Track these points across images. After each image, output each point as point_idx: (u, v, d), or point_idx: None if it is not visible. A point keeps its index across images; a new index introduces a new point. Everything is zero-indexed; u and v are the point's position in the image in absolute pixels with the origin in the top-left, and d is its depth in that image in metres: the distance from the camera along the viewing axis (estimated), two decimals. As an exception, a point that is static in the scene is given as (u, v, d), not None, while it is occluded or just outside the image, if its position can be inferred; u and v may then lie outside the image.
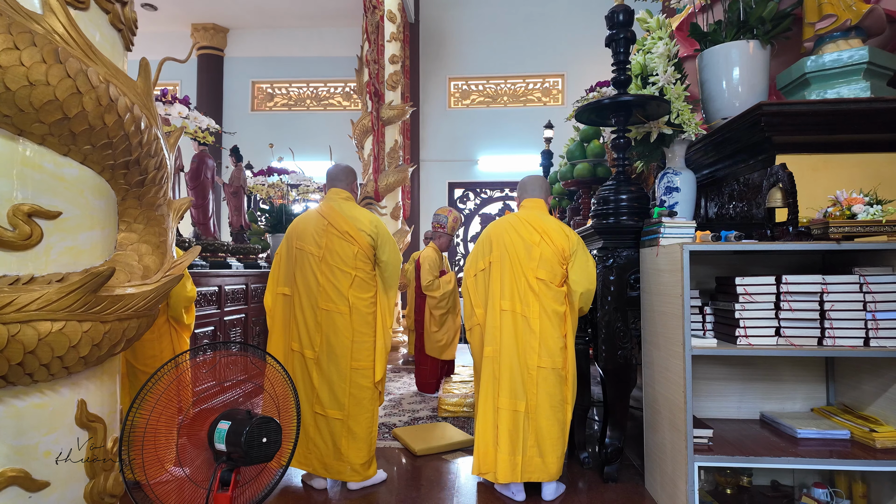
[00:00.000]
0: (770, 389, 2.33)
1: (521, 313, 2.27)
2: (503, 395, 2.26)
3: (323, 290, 2.38)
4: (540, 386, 2.23)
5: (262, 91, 9.05)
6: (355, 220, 2.43)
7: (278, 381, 1.92)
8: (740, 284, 1.97)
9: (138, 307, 1.45)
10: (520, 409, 2.23)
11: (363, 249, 2.41)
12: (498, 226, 2.45)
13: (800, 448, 1.94)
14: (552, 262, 2.29)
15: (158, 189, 1.61)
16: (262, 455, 1.70)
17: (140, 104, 1.50)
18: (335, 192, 2.54)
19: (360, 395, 2.38)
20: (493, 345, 2.32)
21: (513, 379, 2.25)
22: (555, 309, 2.27)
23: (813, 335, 1.92)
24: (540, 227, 2.35)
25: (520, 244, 2.34)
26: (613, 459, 2.43)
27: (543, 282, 2.27)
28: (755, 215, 2.71)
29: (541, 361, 2.23)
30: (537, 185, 2.54)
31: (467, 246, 8.47)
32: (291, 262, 2.47)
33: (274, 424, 1.73)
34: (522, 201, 2.54)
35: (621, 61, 2.53)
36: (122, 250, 1.53)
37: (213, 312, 3.69)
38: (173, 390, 1.79)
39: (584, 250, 2.35)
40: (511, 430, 2.23)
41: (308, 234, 2.44)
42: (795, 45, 2.90)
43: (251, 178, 5.36)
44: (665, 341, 2.11)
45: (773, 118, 2.35)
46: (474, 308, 2.44)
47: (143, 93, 1.53)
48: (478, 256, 2.48)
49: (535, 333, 2.25)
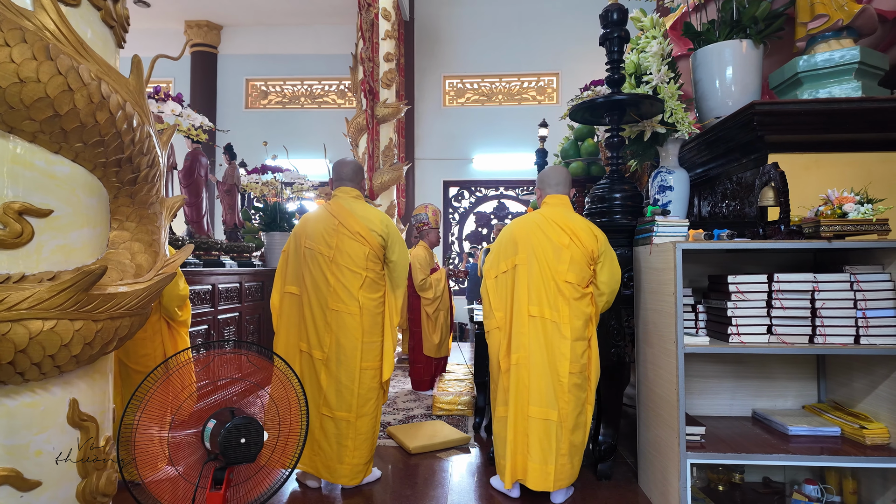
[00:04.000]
0: (762, 387, 2.35)
1: (552, 319, 2.19)
2: (533, 403, 2.18)
3: (333, 291, 2.35)
4: (571, 392, 2.16)
5: (256, 89, 9.01)
6: (367, 220, 2.41)
7: (283, 381, 1.89)
8: (733, 283, 1.98)
9: (130, 305, 1.44)
10: (552, 417, 2.15)
11: (374, 250, 2.39)
12: (523, 226, 2.34)
13: (791, 445, 1.96)
14: (581, 265, 2.21)
15: (151, 187, 1.60)
16: (241, 456, 1.67)
17: (132, 101, 1.50)
18: (344, 191, 2.50)
19: (368, 395, 2.37)
20: (520, 351, 2.23)
21: (543, 387, 2.17)
22: (584, 312, 2.20)
23: (804, 333, 1.93)
24: (568, 228, 2.24)
25: (548, 246, 2.24)
26: (607, 457, 2.45)
27: (572, 285, 2.19)
28: (748, 214, 2.73)
29: (572, 367, 2.16)
30: (560, 179, 2.41)
31: (461, 245, 8.48)
32: (300, 261, 2.44)
33: (255, 425, 1.69)
34: (546, 198, 2.42)
35: (615, 60, 2.54)
36: (115, 248, 1.52)
37: (207, 311, 3.67)
38: (166, 389, 1.78)
39: (610, 250, 2.28)
40: (542, 439, 2.16)
41: (318, 233, 2.41)
42: (787, 44, 2.92)
43: (245, 176, 5.34)
44: (658, 339, 2.12)
45: (766, 117, 2.37)
46: (494, 311, 2.34)
47: (136, 90, 1.52)
48: (500, 257, 2.37)
49: (566, 339, 2.16)
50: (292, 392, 1.89)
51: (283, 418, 1.89)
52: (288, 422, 1.89)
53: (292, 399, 1.87)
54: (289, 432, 1.89)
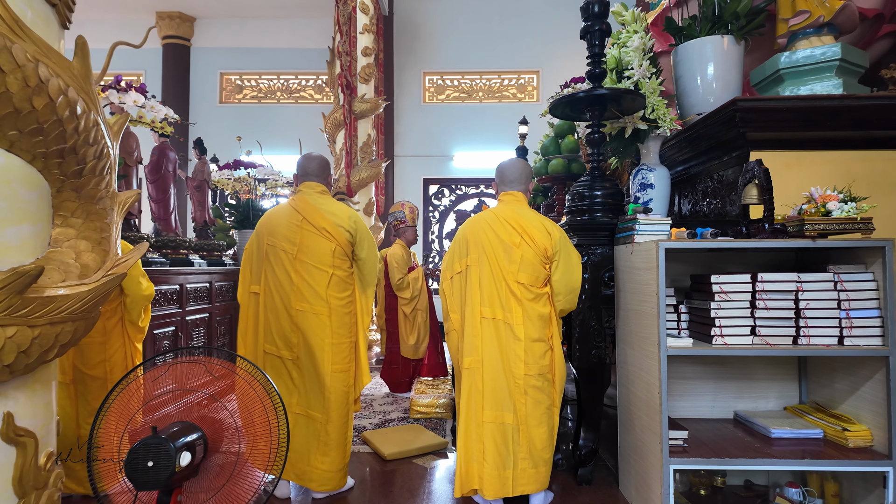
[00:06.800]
0: (743, 388, 2.31)
1: (504, 320, 2.10)
2: (487, 407, 2.08)
3: (297, 290, 2.24)
4: (528, 394, 2.07)
5: (230, 83, 8.79)
6: (333, 214, 2.31)
7: (252, 384, 1.77)
8: (716, 283, 1.93)
9: (73, 309, 1.32)
10: (507, 420, 2.06)
11: (341, 246, 2.29)
12: (474, 224, 2.25)
13: (774, 448, 1.92)
14: (534, 265, 2.11)
15: (99, 180, 1.47)
16: (150, 481, 1.50)
17: (76, 87, 1.37)
18: (309, 186, 2.40)
19: (337, 399, 2.26)
20: (473, 355, 2.13)
21: (497, 390, 2.08)
22: (539, 313, 2.11)
23: (788, 334, 1.89)
24: (520, 226, 2.15)
25: (498, 246, 2.15)
26: (587, 461, 2.38)
27: (525, 286, 2.10)
28: (729, 212, 2.69)
29: (528, 369, 2.07)
30: (516, 174, 2.30)
31: (443, 244, 8.39)
32: (261, 260, 2.33)
33: (165, 447, 1.51)
34: (500, 195, 2.33)
35: (596, 54, 2.47)
36: (58, 247, 1.40)
37: (174, 312, 3.52)
38: (126, 400, 1.66)
39: (567, 249, 2.18)
40: (499, 444, 2.06)
41: (280, 229, 2.30)
42: (768, 41, 2.89)
43: (216, 172, 5.17)
44: (640, 340, 2.06)
45: (748, 114, 2.33)
46: (450, 313, 2.27)
47: (81, 75, 1.40)
48: (454, 258, 2.29)
49: (520, 341, 2.08)
50: (261, 393, 1.77)
51: (250, 424, 1.77)
52: (256, 427, 1.77)
53: (265, 402, 1.75)
54: (258, 438, 1.77)
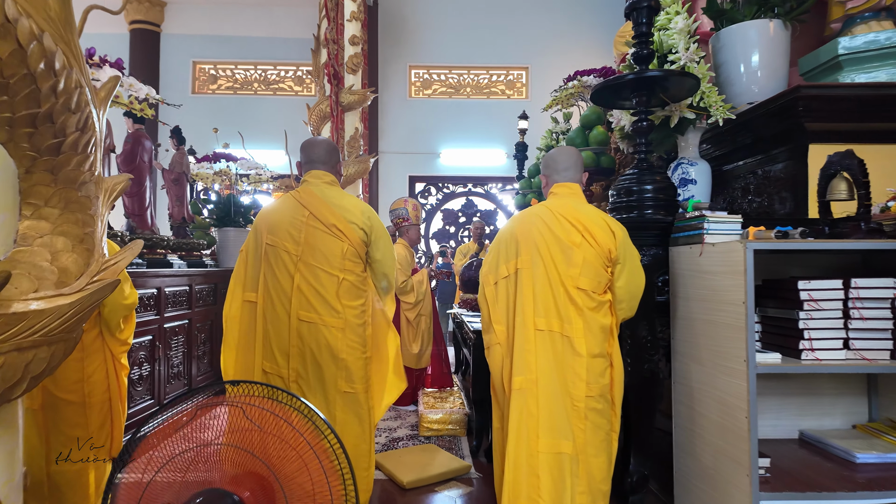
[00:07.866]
0: (806, 404, 2.09)
1: (562, 332, 1.81)
2: (543, 435, 1.78)
3: (302, 297, 1.92)
4: (588, 418, 1.78)
5: (204, 72, 8.29)
6: (344, 210, 1.99)
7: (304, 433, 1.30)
8: (804, 290, 1.69)
9: (49, 329, 0.98)
10: (564, 450, 1.76)
11: (353, 246, 1.97)
12: (525, 220, 1.95)
13: (860, 475, 1.70)
14: (596, 268, 1.83)
15: (82, 159, 1.13)
16: None
17: (54, 34, 1.03)
18: (316, 176, 2.07)
19: (352, 428, 1.93)
20: (525, 373, 1.83)
21: (554, 414, 1.78)
22: (601, 323, 1.82)
23: (885, 347, 1.67)
24: (580, 223, 1.85)
25: (555, 246, 1.85)
26: (639, 489, 2.13)
27: (586, 292, 1.81)
28: (778, 210, 2.49)
29: (589, 390, 1.78)
30: (570, 160, 2.00)
31: (429, 243, 8.08)
32: (259, 262, 2.00)
33: None
34: (552, 186, 2.01)
35: (643, 33, 2.22)
36: (27, 245, 1.05)
37: (152, 319, 3.13)
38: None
39: (631, 250, 1.91)
40: (556, 478, 1.76)
41: (282, 226, 1.98)
42: (811, 28, 2.71)
43: (195, 165, 4.75)
44: (711, 355, 1.82)
45: (812, 102, 2.12)
46: (493, 324, 1.95)
47: (60, 19, 1.06)
48: (500, 260, 1.97)
49: (581, 357, 1.78)
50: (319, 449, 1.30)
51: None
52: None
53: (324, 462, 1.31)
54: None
